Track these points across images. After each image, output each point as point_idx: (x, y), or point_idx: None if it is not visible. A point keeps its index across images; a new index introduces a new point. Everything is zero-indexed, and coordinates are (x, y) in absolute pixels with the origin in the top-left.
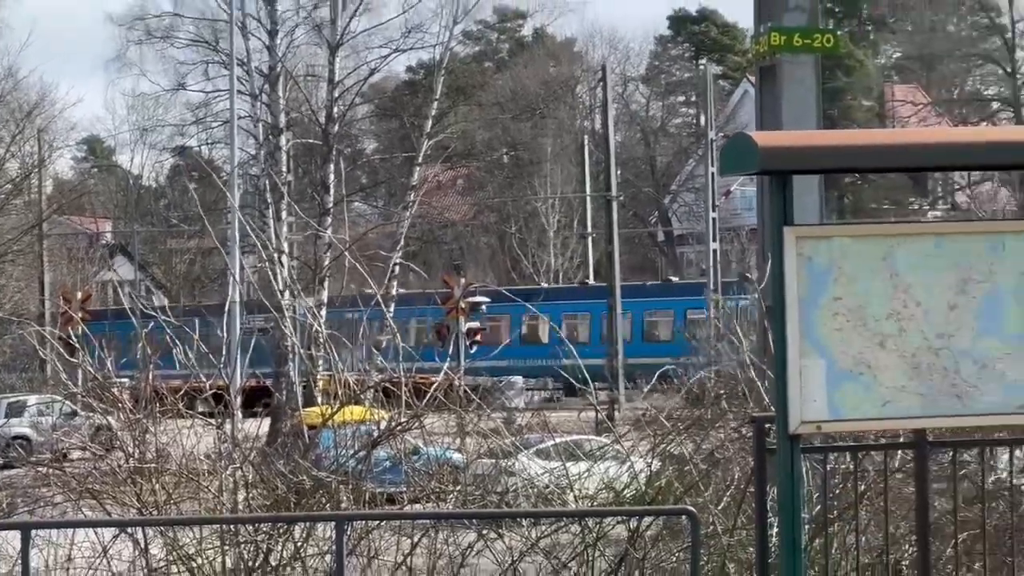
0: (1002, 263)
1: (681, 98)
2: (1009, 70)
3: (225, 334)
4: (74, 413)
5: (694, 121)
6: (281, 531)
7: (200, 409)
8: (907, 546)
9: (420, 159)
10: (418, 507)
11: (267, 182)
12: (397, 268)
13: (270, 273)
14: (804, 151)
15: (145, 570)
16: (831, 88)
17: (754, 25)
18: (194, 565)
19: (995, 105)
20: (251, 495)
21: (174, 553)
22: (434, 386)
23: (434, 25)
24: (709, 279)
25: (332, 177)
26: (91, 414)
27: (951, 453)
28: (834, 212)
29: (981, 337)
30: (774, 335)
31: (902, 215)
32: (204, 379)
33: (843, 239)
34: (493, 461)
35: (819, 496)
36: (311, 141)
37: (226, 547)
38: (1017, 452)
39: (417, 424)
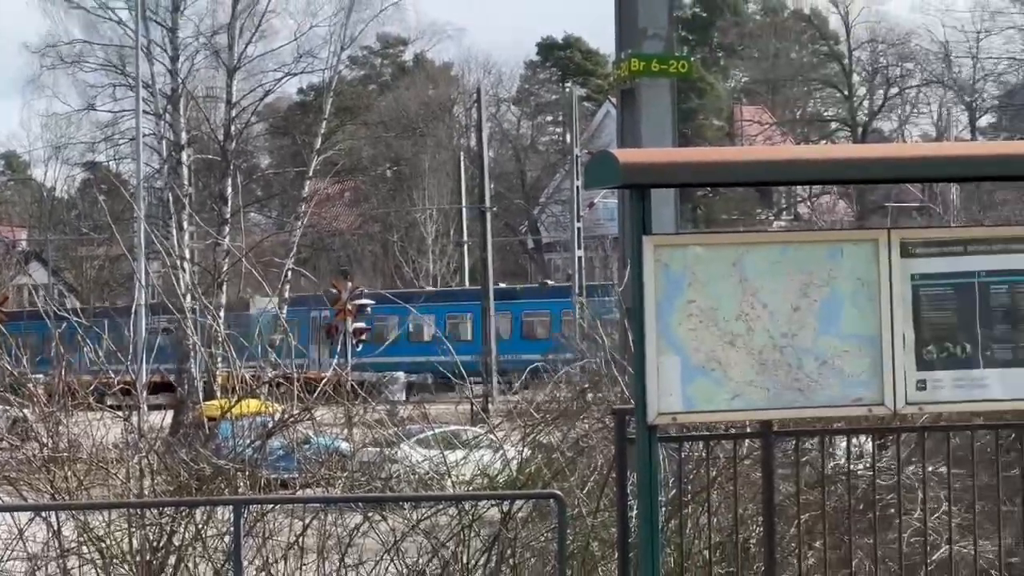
0: (840, 269)
1: (549, 118)
2: (846, 93)
3: (132, 334)
4: None
5: (561, 139)
6: (183, 514)
7: (109, 403)
8: (754, 526)
9: (310, 173)
10: (309, 492)
11: (170, 194)
12: (290, 273)
13: (173, 278)
14: (661, 167)
15: (58, 550)
16: (686, 109)
17: (615, 51)
18: (103, 546)
19: (834, 125)
20: (156, 481)
21: (85, 535)
22: (323, 381)
23: (323, 51)
24: (575, 284)
25: (230, 190)
26: (8, 408)
27: (794, 442)
28: (689, 223)
29: (821, 336)
30: (634, 334)
31: (750, 225)
32: (113, 375)
33: (696, 247)
34: (378, 449)
35: (674, 481)
36: (211, 157)
37: (133, 529)
38: (853, 440)
39: (308, 416)
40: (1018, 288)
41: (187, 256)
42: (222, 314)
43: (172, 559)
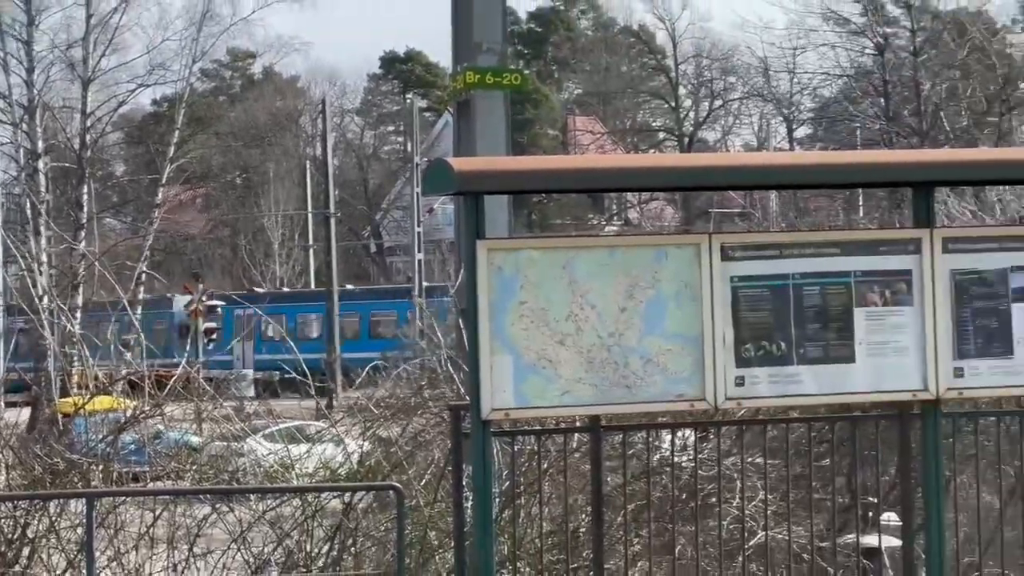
0: (665, 271)
1: (391, 128)
2: (673, 104)
3: None
4: None
5: (402, 148)
6: (37, 507)
7: None
8: (583, 515)
9: (163, 180)
10: (160, 484)
11: (28, 201)
12: (143, 276)
13: (29, 281)
14: (494, 174)
15: None
16: (522, 120)
17: (452, 65)
18: None
19: (661, 135)
20: (11, 476)
21: None
22: (173, 379)
23: (175, 64)
24: (415, 285)
25: (85, 196)
26: None
27: (621, 435)
28: (524, 227)
29: (646, 336)
30: (468, 334)
31: (583, 230)
32: None
33: (528, 251)
34: (226, 444)
35: (508, 473)
36: (67, 165)
37: None
38: (677, 433)
39: (159, 412)
40: (829, 289)
41: (44, 260)
42: (78, 315)
43: (26, 551)
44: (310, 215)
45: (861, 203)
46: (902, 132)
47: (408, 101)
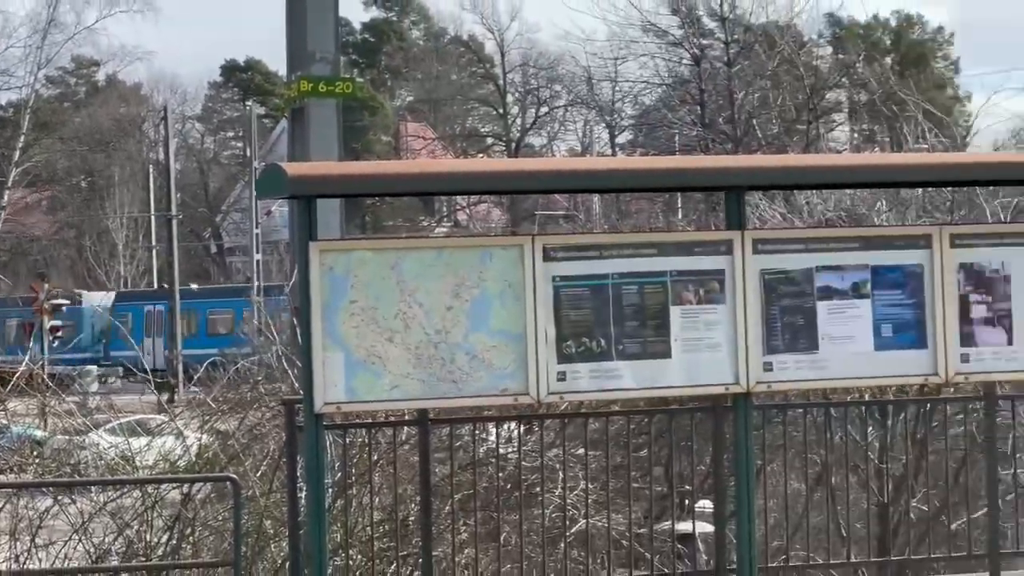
0: (490, 271)
1: (231, 133)
2: (501, 111)
3: None
4: None
5: (242, 153)
6: None
7: None
8: (413, 505)
9: (9, 183)
10: (2, 477)
11: None
12: None
13: None
14: (325, 179)
15: None
16: (358, 126)
17: (287, 73)
18: None
19: (490, 140)
20: None
21: None
22: (16, 375)
23: (20, 70)
24: (254, 285)
25: None
26: None
27: (448, 428)
28: (357, 229)
29: (472, 333)
30: (301, 332)
31: (413, 231)
32: None
33: (359, 252)
34: (68, 438)
35: (340, 465)
36: None
37: None
38: (505, 426)
39: (2, 407)
40: (646, 289)
41: None
42: None
43: None
44: (153, 217)
45: (680, 205)
46: (717, 138)
47: (247, 108)
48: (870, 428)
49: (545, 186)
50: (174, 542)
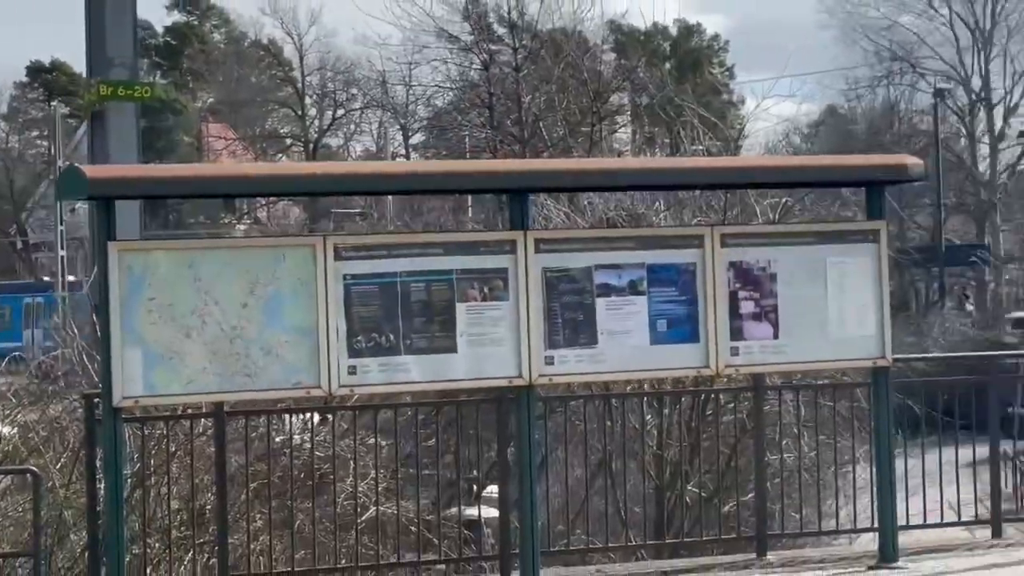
0: (283, 271)
1: (36, 133)
2: (300, 113)
3: None
4: None
5: (47, 152)
6: None
7: None
8: (209, 494)
9: None
10: None
11: None
12: None
13: None
14: (124, 181)
15: None
16: (162, 127)
17: (86, 77)
18: None
19: (289, 141)
20: None
21: None
22: None
23: None
24: (58, 281)
25: None
26: None
27: (243, 420)
28: (162, 226)
29: (267, 329)
30: (101, 327)
31: (215, 228)
32: None
33: (157, 252)
34: None
35: (139, 456)
36: None
37: None
38: (303, 417)
39: None
40: (433, 286)
41: None
42: None
43: None
44: None
45: (471, 204)
46: (506, 140)
47: (52, 108)
48: (648, 417)
49: (343, 189)
50: None
